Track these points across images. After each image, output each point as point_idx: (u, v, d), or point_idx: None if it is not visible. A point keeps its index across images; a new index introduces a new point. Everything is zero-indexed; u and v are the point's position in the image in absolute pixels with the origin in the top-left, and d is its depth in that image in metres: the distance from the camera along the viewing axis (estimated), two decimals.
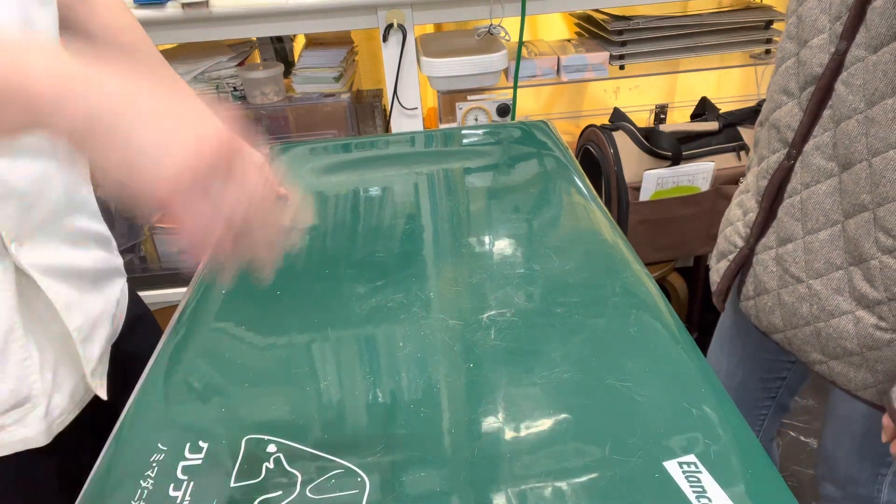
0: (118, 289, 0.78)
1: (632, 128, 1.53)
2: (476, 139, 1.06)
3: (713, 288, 0.93)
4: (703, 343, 0.72)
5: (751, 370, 1.02)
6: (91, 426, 0.69)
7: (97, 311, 0.71)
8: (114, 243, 0.79)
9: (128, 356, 0.75)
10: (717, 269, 0.92)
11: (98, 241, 0.74)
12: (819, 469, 0.95)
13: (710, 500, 0.46)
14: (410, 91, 1.48)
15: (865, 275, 0.71)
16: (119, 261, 0.79)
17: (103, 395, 0.70)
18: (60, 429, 0.65)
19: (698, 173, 1.51)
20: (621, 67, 1.56)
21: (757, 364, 1.01)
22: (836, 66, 0.68)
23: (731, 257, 0.88)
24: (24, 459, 0.64)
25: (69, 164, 0.68)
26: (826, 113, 0.71)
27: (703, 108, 1.70)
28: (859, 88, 0.66)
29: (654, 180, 1.49)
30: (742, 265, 0.87)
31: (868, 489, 0.89)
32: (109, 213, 0.91)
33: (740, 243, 0.86)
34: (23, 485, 0.66)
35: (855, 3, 0.65)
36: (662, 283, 1.74)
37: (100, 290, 0.73)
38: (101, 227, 0.75)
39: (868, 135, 0.66)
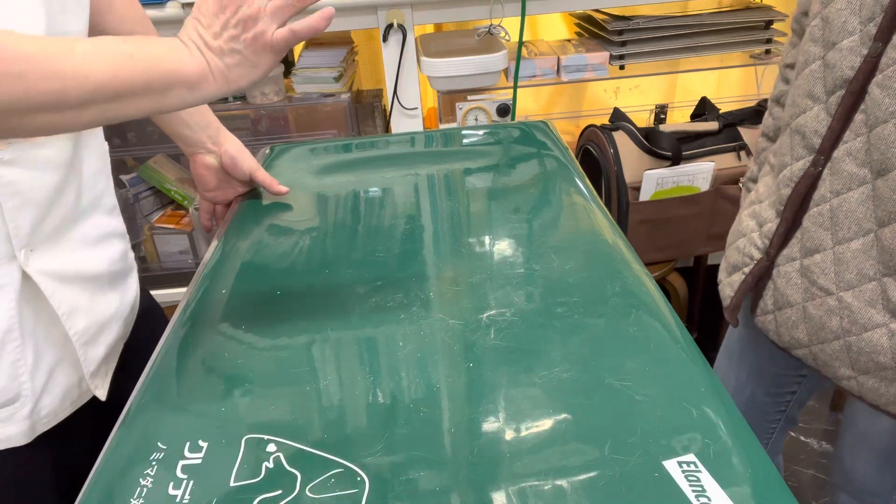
0: (133, 290, 0.77)
1: (632, 128, 1.53)
2: (476, 139, 1.06)
3: (725, 303, 0.90)
4: (702, 343, 0.72)
5: (760, 385, 1.00)
6: (93, 423, 0.69)
7: (109, 313, 0.70)
8: (128, 237, 0.79)
9: (135, 351, 0.75)
10: (730, 283, 0.88)
11: (114, 236, 0.74)
12: (834, 478, 0.93)
13: (709, 499, 0.46)
14: (410, 91, 1.48)
15: None
16: (132, 255, 0.79)
17: (102, 397, 0.69)
18: (45, 429, 0.65)
19: (698, 173, 1.51)
20: (621, 67, 1.56)
21: (766, 378, 0.99)
22: (870, 68, 0.65)
23: (746, 270, 0.85)
24: (25, 455, 0.64)
25: (90, 170, 0.68)
26: (858, 117, 0.68)
27: (703, 108, 1.70)
28: None
29: (654, 180, 1.49)
30: (760, 278, 0.83)
31: (886, 500, 0.86)
32: None
33: (757, 255, 0.83)
34: (22, 481, 0.66)
35: (891, 4, 0.62)
36: (662, 283, 1.74)
37: (116, 290, 0.73)
38: (117, 223, 0.75)
39: None
